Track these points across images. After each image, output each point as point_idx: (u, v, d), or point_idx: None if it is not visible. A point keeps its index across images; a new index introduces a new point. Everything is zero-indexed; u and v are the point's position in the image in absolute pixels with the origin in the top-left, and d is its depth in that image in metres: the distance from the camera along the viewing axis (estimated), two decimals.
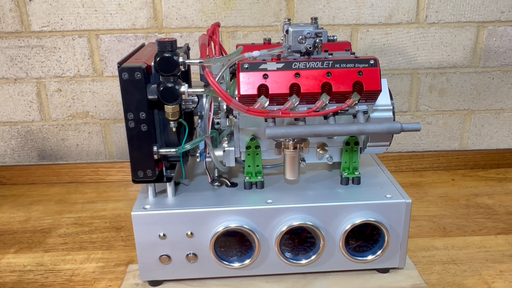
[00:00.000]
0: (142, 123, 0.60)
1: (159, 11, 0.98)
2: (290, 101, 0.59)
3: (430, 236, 0.81)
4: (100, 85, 1.03)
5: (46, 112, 1.04)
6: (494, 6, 1.00)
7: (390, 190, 0.67)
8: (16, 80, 1.02)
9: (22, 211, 0.93)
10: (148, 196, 0.66)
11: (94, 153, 1.08)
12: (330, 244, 0.65)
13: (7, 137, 1.06)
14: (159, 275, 0.66)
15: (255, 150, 0.67)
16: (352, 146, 0.68)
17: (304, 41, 0.59)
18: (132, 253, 0.77)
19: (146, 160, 0.62)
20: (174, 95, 0.59)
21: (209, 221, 0.63)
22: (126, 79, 0.58)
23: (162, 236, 0.63)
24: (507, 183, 1.02)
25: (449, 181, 1.03)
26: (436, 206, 0.92)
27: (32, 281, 0.71)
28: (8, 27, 0.98)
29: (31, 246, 0.81)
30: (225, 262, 0.65)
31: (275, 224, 0.64)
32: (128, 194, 1.00)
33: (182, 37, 1.00)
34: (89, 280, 0.71)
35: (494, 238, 0.80)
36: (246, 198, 0.66)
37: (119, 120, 1.06)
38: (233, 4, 0.98)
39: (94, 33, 0.99)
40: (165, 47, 0.58)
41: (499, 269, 0.72)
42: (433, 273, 0.71)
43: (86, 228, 0.86)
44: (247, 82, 0.60)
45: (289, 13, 0.99)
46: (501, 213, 0.89)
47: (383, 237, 0.65)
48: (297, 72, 0.59)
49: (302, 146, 0.64)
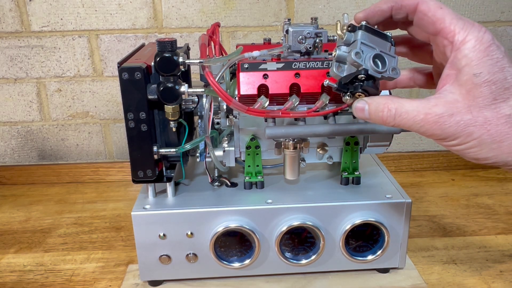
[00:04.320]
0: (142, 123, 0.60)
1: (159, 11, 0.98)
2: (290, 101, 0.59)
3: (430, 236, 0.81)
4: (100, 85, 1.03)
5: (46, 112, 1.04)
6: (494, 6, 1.00)
7: (390, 190, 0.67)
8: (16, 80, 1.02)
9: (22, 211, 0.93)
10: (148, 196, 0.66)
11: (94, 153, 1.08)
12: (330, 244, 0.65)
13: (7, 137, 1.06)
14: (159, 275, 0.66)
15: (255, 150, 0.67)
16: (352, 146, 0.68)
17: (304, 41, 0.59)
18: (132, 253, 0.77)
19: (146, 160, 0.62)
20: (174, 95, 0.59)
21: (209, 221, 0.63)
22: (126, 79, 0.58)
23: (162, 236, 0.63)
24: (507, 183, 1.02)
25: (449, 181, 1.03)
26: (436, 206, 0.92)
27: (32, 281, 0.71)
28: (8, 27, 0.98)
29: (31, 246, 0.81)
30: (225, 262, 0.65)
31: (275, 224, 0.64)
32: (128, 194, 1.00)
33: (182, 37, 1.00)
34: (89, 280, 0.71)
35: (494, 238, 0.80)
36: (246, 198, 0.66)
37: (119, 120, 1.06)
38: (233, 4, 0.98)
39: (94, 33, 0.99)
40: (165, 47, 0.58)
41: (499, 269, 0.72)
42: (433, 273, 0.71)
43: (86, 228, 0.86)
44: (247, 82, 0.60)
45: (289, 13, 0.99)
46: (501, 213, 0.89)
47: (383, 237, 0.65)
48: (297, 72, 0.60)
49: (302, 146, 0.64)
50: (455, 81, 0.44)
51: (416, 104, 0.44)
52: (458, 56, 0.44)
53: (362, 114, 0.46)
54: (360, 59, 0.45)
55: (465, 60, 0.43)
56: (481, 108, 0.43)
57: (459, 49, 0.44)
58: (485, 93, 0.43)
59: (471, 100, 0.43)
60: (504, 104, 0.43)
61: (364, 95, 0.46)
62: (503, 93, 0.43)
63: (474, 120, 0.43)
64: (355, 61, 0.45)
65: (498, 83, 0.43)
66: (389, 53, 0.47)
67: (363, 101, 0.46)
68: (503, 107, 0.43)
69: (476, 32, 0.44)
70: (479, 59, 0.43)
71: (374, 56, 0.46)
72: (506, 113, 0.43)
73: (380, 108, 0.45)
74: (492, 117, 0.43)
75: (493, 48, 0.43)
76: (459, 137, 0.44)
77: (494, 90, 0.43)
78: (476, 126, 0.43)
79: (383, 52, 0.47)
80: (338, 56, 0.47)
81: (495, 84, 0.43)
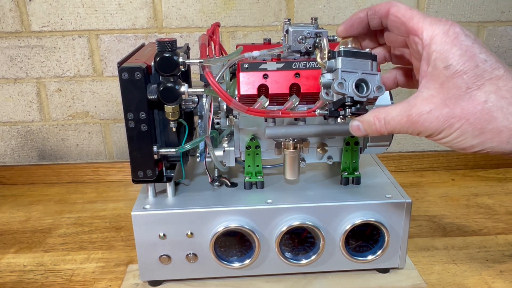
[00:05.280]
0: (142, 123, 0.60)
1: (159, 11, 0.98)
2: (290, 101, 0.59)
3: (430, 236, 0.81)
4: (100, 85, 1.03)
5: (46, 112, 1.04)
6: (494, 6, 1.00)
7: (390, 190, 0.67)
8: (16, 80, 1.02)
9: (22, 211, 0.93)
10: (148, 196, 0.66)
11: (94, 153, 1.08)
12: (330, 244, 0.65)
13: (7, 137, 1.06)
14: (159, 275, 0.66)
15: (255, 150, 0.67)
16: (352, 146, 0.68)
17: (304, 41, 0.59)
18: (132, 253, 0.77)
19: (146, 160, 0.62)
20: (174, 95, 0.59)
21: (209, 221, 0.63)
22: (126, 79, 0.58)
23: (162, 236, 0.63)
24: (507, 183, 1.02)
25: (449, 181, 1.03)
26: (436, 206, 0.92)
27: (32, 281, 0.71)
28: (8, 27, 0.98)
29: (31, 246, 0.81)
30: (225, 262, 0.65)
31: (275, 224, 0.64)
32: (128, 194, 1.00)
33: (182, 37, 1.00)
34: (89, 280, 0.71)
35: (494, 238, 0.80)
36: (246, 198, 0.66)
37: (119, 120, 1.06)
38: (233, 4, 0.98)
39: (94, 33, 0.99)
40: (165, 47, 0.58)
41: (499, 269, 0.72)
42: (433, 273, 0.71)
43: (86, 228, 0.86)
44: (247, 82, 0.60)
45: (289, 13, 0.99)
46: (501, 213, 0.89)
47: (383, 237, 0.65)
48: (297, 72, 0.59)
49: (302, 146, 0.64)
50: (430, 77, 0.45)
51: (399, 108, 0.46)
52: (429, 51, 0.45)
53: (359, 132, 0.50)
54: (343, 88, 0.47)
55: (435, 54, 0.44)
56: (456, 99, 0.44)
57: (429, 45, 0.45)
58: (458, 83, 0.43)
59: (445, 93, 0.44)
60: (478, 92, 0.43)
61: (355, 116, 0.49)
62: (476, 80, 0.43)
63: (452, 113, 0.44)
64: (339, 92, 0.47)
65: (469, 71, 0.43)
66: (371, 72, 0.49)
67: (356, 121, 0.50)
68: (478, 95, 0.43)
69: (442, 26, 0.45)
70: (447, 51, 0.44)
71: (357, 82, 0.48)
72: (482, 99, 0.43)
73: (372, 121, 0.48)
74: (468, 106, 0.43)
75: (462, 38, 0.44)
76: (442, 131, 0.45)
77: (466, 80, 0.43)
78: (455, 117, 0.44)
79: (365, 73, 0.48)
80: (324, 84, 0.50)
81: (466, 74, 0.43)
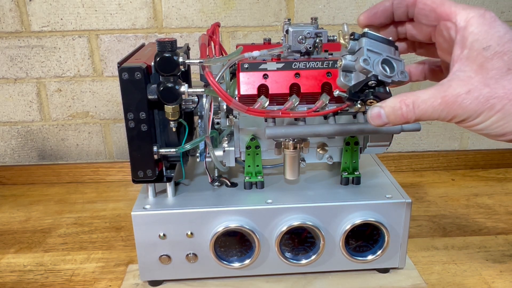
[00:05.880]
0: (142, 123, 0.60)
1: (159, 11, 0.98)
2: (290, 101, 0.59)
3: (430, 236, 0.81)
4: (100, 85, 1.03)
5: (46, 112, 1.04)
6: (494, 6, 1.00)
7: (390, 190, 0.67)
8: (16, 80, 1.02)
9: (22, 211, 0.93)
10: (148, 196, 0.66)
11: (94, 153, 1.08)
12: (330, 244, 0.65)
13: (7, 137, 1.06)
14: (159, 275, 0.66)
15: (255, 150, 0.67)
16: (352, 146, 0.68)
17: (304, 41, 0.59)
18: (132, 253, 0.77)
19: (146, 160, 0.62)
20: (174, 95, 0.59)
21: (209, 221, 0.63)
22: (126, 79, 0.58)
23: (162, 236, 0.63)
24: (507, 183, 1.02)
25: (449, 181, 1.03)
26: (436, 206, 0.92)
27: (32, 281, 0.71)
28: (8, 27, 0.98)
29: (31, 246, 0.81)
30: (225, 262, 0.65)
31: (275, 224, 0.64)
32: (128, 194, 1.00)
33: (182, 37, 1.00)
34: (89, 280, 0.71)
35: (494, 238, 0.80)
36: (246, 198, 0.66)
37: (119, 120, 1.06)
38: (233, 4, 0.98)
39: (94, 33, 0.99)
40: (165, 47, 0.58)
41: (499, 269, 0.72)
42: (433, 273, 0.71)
43: (86, 228, 0.86)
44: (247, 82, 0.60)
45: (289, 13, 0.99)
46: (501, 213, 0.89)
47: (383, 237, 0.65)
48: (297, 72, 0.60)
49: (302, 146, 0.64)
50: (466, 59, 0.44)
51: (431, 91, 0.44)
52: (465, 34, 0.44)
53: (379, 120, 0.45)
54: (369, 65, 0.45)
55: (472, 36, 0.43)
56: (497, 80, 0.42)
57: (464, 27, 0.44)
58: (498, 64, 0.42)
59: (485, 74, 0.43)
60: None
61: (376, 102, 0.46)
62: None
63: (493, 92, 0.42)
64: (364, 68, 0.44)
65: (509, 53, 0.42)
66: (395, 57, 0.47)
67: (377, 107, 0.45)
68: None
69: (476, 10, 0.44)
70: (485, 32, 0.43)
71: (382, 61, 0.45)
72: None
73: (397, 106, 0.44)
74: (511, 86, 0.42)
75: (498, 22, 0.43)
76: (482, 113, 0.43)
77: (506, 60, 0.42)
78: (497, 98, 0.42)
79: (390, 56, 0.47)
80: (345, 66, 0.47)
81: (506, 55, 0.42)
